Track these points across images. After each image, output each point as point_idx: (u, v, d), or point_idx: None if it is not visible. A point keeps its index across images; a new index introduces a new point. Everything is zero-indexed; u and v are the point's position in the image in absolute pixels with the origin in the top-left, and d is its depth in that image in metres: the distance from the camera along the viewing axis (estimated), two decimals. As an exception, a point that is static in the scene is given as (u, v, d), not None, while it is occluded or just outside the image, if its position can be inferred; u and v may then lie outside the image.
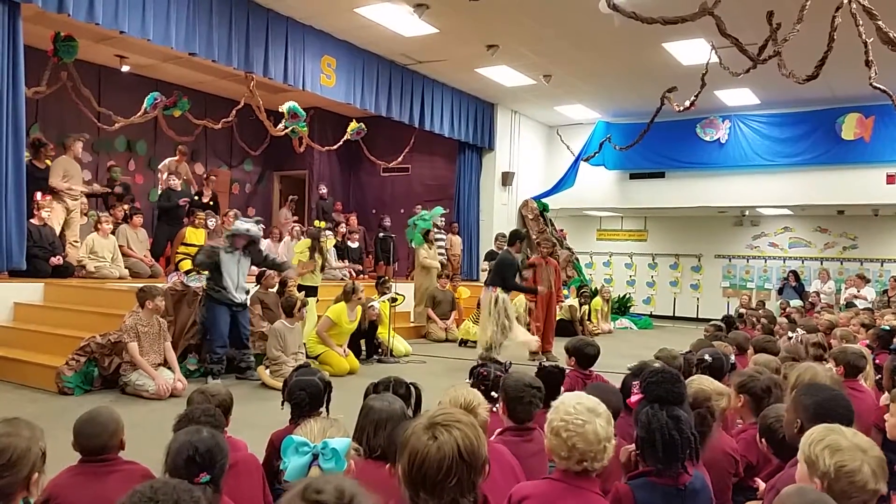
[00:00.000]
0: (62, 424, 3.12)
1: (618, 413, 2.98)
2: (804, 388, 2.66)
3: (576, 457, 2.08)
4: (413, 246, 11.54)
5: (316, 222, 12.00)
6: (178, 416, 2.67)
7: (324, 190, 13.74)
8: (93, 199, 10.60)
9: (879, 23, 4.87)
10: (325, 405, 3.12)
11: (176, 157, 11.26)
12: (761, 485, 2.87)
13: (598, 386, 3.15)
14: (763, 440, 2.92)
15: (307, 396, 3.03)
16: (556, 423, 2.12)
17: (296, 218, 13.36)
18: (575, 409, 2.12)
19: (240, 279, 7.31)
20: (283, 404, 3.16)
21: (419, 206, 13.53)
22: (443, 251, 12.24)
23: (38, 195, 8.46)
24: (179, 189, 10.62)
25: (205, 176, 12.04)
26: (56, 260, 8.30)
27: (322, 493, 1.26)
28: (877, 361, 4.83)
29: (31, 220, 8.16)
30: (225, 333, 7.14)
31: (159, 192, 11.17)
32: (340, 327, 7.98)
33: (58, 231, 8.72)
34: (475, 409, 2.64)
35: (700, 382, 3.14)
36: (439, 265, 11.54)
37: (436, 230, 11.82)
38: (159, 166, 10.97)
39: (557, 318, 10.24)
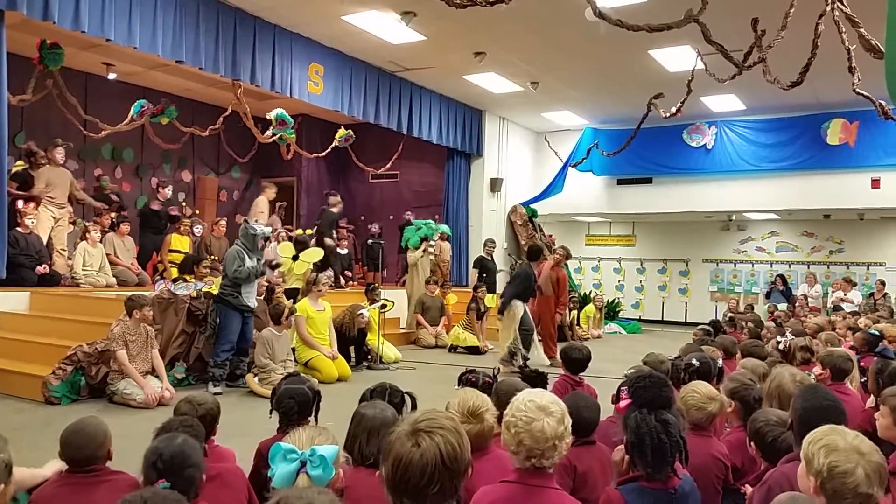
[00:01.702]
0: (48, 434, 3.10)
1: (594, 425, 2.99)
2: (802, 391, 2.70)
3: (523, 453, 2.09)
4: (410, 245, 11.57)
5: (300, 231, 11.98)
6: (155, 428, 2.66)
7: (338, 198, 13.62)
8: (79, 208, 10.54)
9: (862, 30, 4.93)
10: (313, 414, 3.10)
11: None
12: (748, 489, 2.88)
13: (576, 395, 3.13)
14: (752, 443, 2.94)
15: (296, 405, 3.02)
16: (508, 418, 2.15)
17: (288, 227, 13.34)
18: (525, 406, 2.12)
19: (255, 284, 7.39)
20: (271, 413, 3.14)
21: (409, 213, 13.55)
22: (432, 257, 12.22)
23: (21, 203, 8.40)
24: (166, 198, 10.66)
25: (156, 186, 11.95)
26: (42, 269, 8.24)
27: None
28: (862, 364, 4.87)
29: (17, 229, 8.11)
30: (234, 339, 7.15)
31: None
32: (313, 319, 7.99)
33: (45, 239, 8.67)
34: (482, 414, 2.60)
35: (695, 388, 3.16)
36: (427, 266, 11.57)
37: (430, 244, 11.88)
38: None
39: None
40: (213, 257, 9.83)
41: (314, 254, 9.88)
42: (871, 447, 1.97)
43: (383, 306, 9.25)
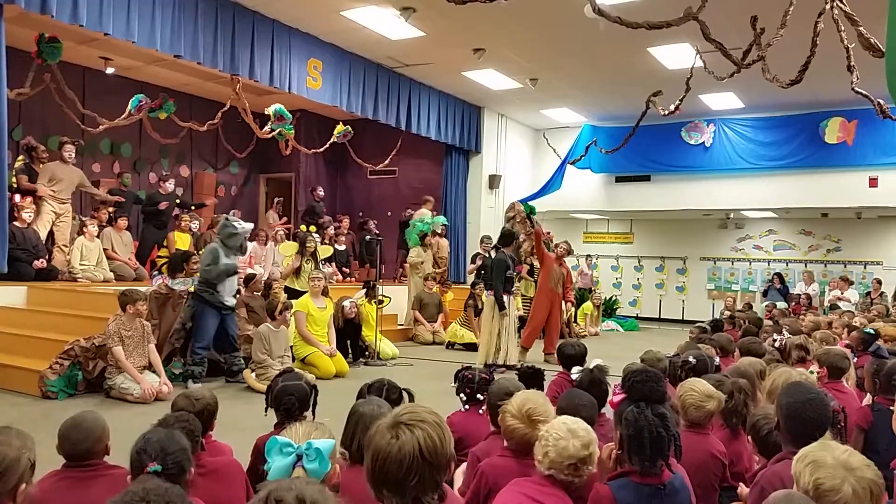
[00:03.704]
0: (45, 429, 3.09)
1: (592, 423, 2.99)
2: (786, 387, 2.69)
3: (546, 463, 2.28)
4: (410, 244, 11.54)
5: (303, 227, 11.95)
6: (152, 424, 2.66)
7: (321, 192, 13.67)
8: (77, 203, 10.51)
9: (861, 28, 4.93)
10: (311, 409, 3.10)
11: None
12: (744, 489, 2.89)
13: (572, 394, 3.14)
14: (749, 437, 2.96)
15: (295, 401, 3.01)
16: (542, 432, 2.37)
17: (284, 220, 13.33)
18: (558, 426, 2.33)
19: (233, 282, 7.31)
20: (266, 410, 3.13)
21: (409, 210, 13.54)
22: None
23: (17, 197, 8.39)
24: (168, 192, 10.69)
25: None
26: (40, 263, 8.22)
27: (283, 501, 1.33)
28: (857, 363, 4.88)
29: (15, 223, 8.10)
30: (210, 336, 7.10)
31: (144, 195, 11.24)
32: (313, 316, 7.98)
33: (44, 235, 8.66)
34: (536, 420, 2.59)
35: (692, 385, 3.16)
36: (425, 263, 11.55)
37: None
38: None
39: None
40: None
41: (289, 247, 9.92)
42: (862, 462, 1.88)
43: (380, 302, 9.26)
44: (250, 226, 7.55)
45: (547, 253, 9.97)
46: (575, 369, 3.81)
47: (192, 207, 11.49)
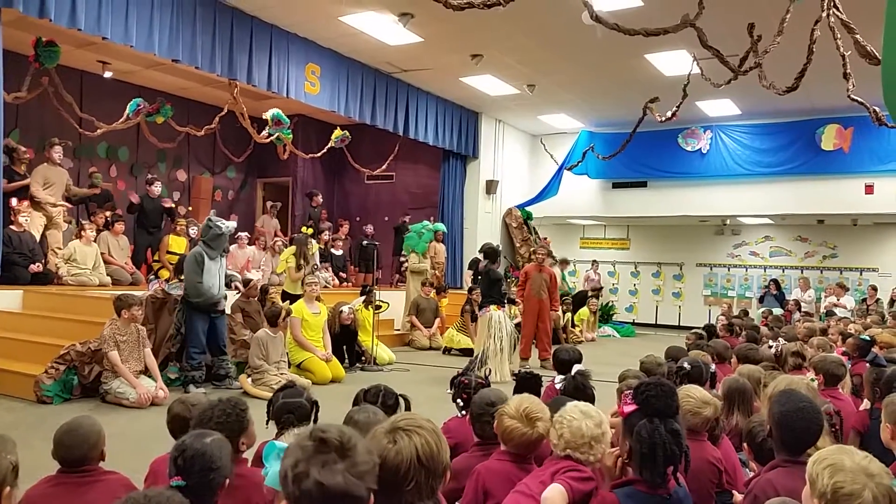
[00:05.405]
0: (41, 434, 3.08)
1: None
2: (778, 395, 2.68)
3: (562, 444, 2.38)
4: (415, 252, 11.49)
5: (304, 228, 11.95)
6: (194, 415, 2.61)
7: (320, 199, 13.65)
8: (74, 207, 10.49)
9: (857, 36, 4.95)
10: (311, 423, 3.07)
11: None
12: (738, 496, 2.89)
13: (559, 401, 3.14)
14: (745, 444, 2.96)
15: (295, 420, 2.99)
16: (556, 417, 2.50)
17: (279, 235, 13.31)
18: (571, 410, 2.46)
19: (220, 283, 7.15)
20: (267, 423, 3.11)
21: (408, 217, 13.53)
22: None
23: (14, 201, 8.35)
24: (156, 195, 10.64)
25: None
26: (35, 267, 8.20)
27: (327, 432, 1.44)
28: (852, 368, 4.88)
29: (11, 227, 8.07)
30: (203, 340, 7.02)
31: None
32: (307, 322, 7.95)
33: (38, 239, 8.62)
34: (534, 419, 2.62)
35: (689, 392, 3.16)
36: (427, 269, 11.55)
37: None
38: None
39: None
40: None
41: (287, 252, 9.91)
42: (882, 469, 1.83)
43: (378, 307, 9.25)
44: (233, 224, 7.30)
45: (526, 267, 10.01)
46: (557, 378, 3.82)
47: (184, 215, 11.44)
